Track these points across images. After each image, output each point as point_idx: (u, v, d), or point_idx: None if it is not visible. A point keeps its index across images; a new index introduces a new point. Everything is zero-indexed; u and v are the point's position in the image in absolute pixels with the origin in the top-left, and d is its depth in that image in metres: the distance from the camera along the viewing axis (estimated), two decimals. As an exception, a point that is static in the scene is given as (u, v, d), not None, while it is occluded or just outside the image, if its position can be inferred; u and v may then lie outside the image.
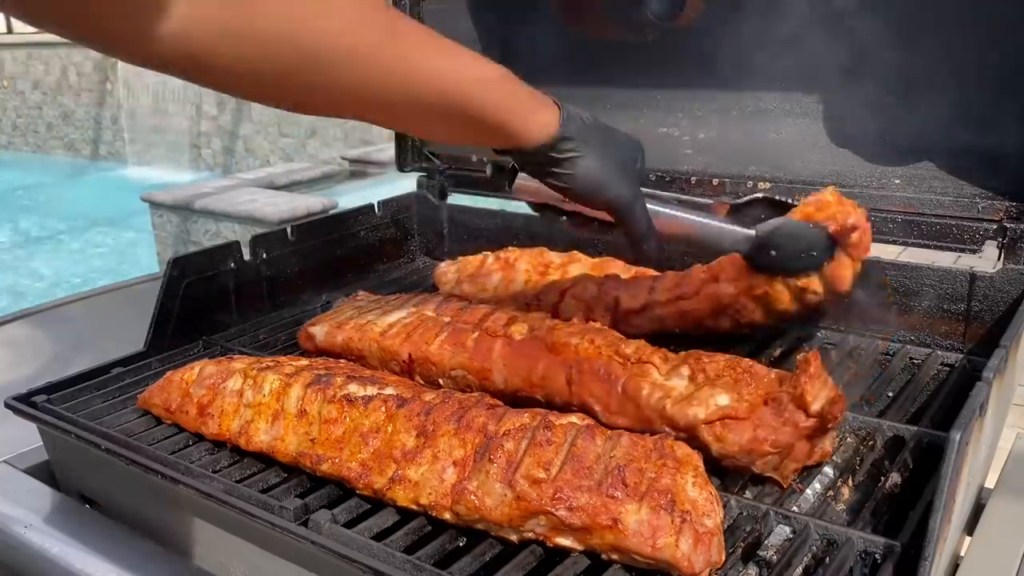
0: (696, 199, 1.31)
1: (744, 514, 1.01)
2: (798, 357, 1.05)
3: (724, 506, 0.98)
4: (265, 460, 1.16)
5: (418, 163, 1.96)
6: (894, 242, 1.40)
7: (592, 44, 1.84)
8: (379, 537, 0.99)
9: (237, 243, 1.61)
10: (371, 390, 1.12)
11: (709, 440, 1.04)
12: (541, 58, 1.91)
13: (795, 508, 1.02)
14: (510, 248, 1.71)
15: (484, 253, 1.72)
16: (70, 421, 1.23)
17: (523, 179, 1.19)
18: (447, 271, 1.72)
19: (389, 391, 1.12)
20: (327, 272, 1.79)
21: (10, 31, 14.16)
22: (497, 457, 0.97)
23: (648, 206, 1.16)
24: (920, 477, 1.05)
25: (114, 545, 1.16)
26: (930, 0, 1.38)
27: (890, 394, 1.27)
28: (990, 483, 1.20)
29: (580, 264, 1.61)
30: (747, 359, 1.13)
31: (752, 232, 1.27)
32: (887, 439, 1.14)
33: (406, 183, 2.05)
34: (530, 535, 0.95)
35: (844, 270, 1.27)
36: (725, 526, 0.96)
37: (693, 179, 1.60)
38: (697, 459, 0.96)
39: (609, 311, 1.46)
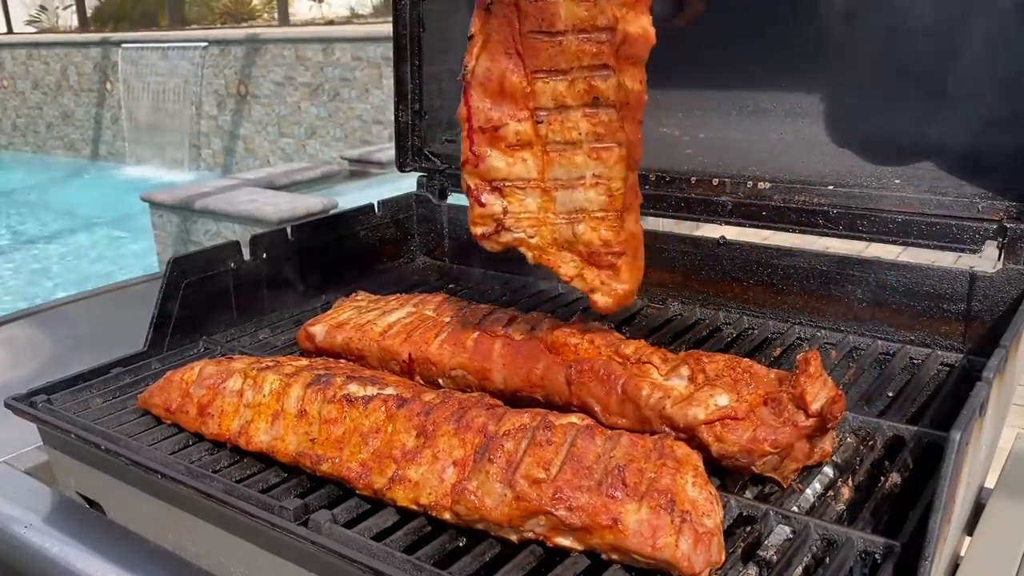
0: None
1: (744, 514, 1.01)
2: (798, 357, 1.05)
3: (724, 506, 0.98)
4: (265, 460, 1.16)
5: (418, 163, 1.96)
6: (894, 242, 1.40)
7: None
8: (379, 537, 0.99)
9: (237, 243, 1.61)
10: (371, 390, 1.12)
11: (709, 440, 1.04)
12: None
13: (795, 508, 1.02)
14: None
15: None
16: (70, 421, 1.23)
17: None
18: None
19: (389, 391, 1.12)
20: (327, 272, 1.79)
21: (10, 31, 14.17)
22: (497, 457, 0.97)
23: None
24: (920, 477, 1.05)
25: (114, 545, 1.16)
26: (931, 1, 1.38)
27: (890, 394, 1.27)
28: (990, 483, 1.20)
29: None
30: (747, 359, 1.13)
31: None
32: (887, 439, 1.14)
33: (406, 183, 2.05)
34: (530, 535, 0.95)
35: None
36: (725, 526, 0.96)
37: (693, 179, 1.60)
38: (697, 459, 0.96)
39: None
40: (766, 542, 0.96)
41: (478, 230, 1.17)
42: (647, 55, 1.07)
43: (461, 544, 1.00)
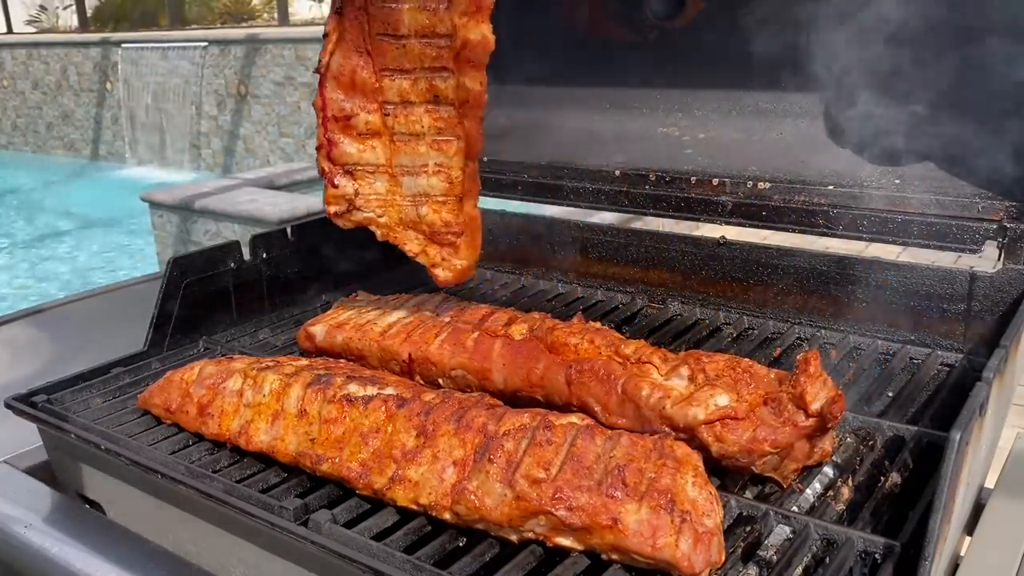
0: None
1: (744, 514, 1.01)
2: (798, 357, 1.05)
3: (724, 506, 0.98)
4: (265, 460, 1.16)
5: (418, 163, 1.96)
6: (894, 242, 1.40)
7: (593, 44, 1.84)
8: (379, 537, 0.99)
9: (237, 243, 1.61)
10: (371, 390, 1.12)
11: (709, 440, 1.04)
12: (541, 58, 1.91)
13: (795, 508, 1.02)
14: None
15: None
16: (70, 421, 1.23)
17: None
18: None
19: (389, 391, 1.12)
20: (327, 272, 1.79)
21: (10, 31, 14.16)
22: (497, 457, 0.97)
23: None
24: (920, 477, 1.05)
25: (114, 545, 1.16)
26: (931, 2, 1.38)
27: (890, 394, 1.27)
28: (990, 483, 1.20)
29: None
30: (747, 359, 1.13)
31: None
32: (887, 439, 1.14)
33: (406, 183, 2.04)
34: (530, 535, 0.95)
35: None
36: (725, 526, 0.96)
37: (693, 179, 1.60)
38: (697, 459, 0.96)
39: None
40: (766, 542, 0.96)
41: (331, 209, 1.30)
42: (487, 59, 1.18)
43: (461, 544, 1.00)
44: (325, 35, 1.21)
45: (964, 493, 0.94)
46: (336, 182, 1.27)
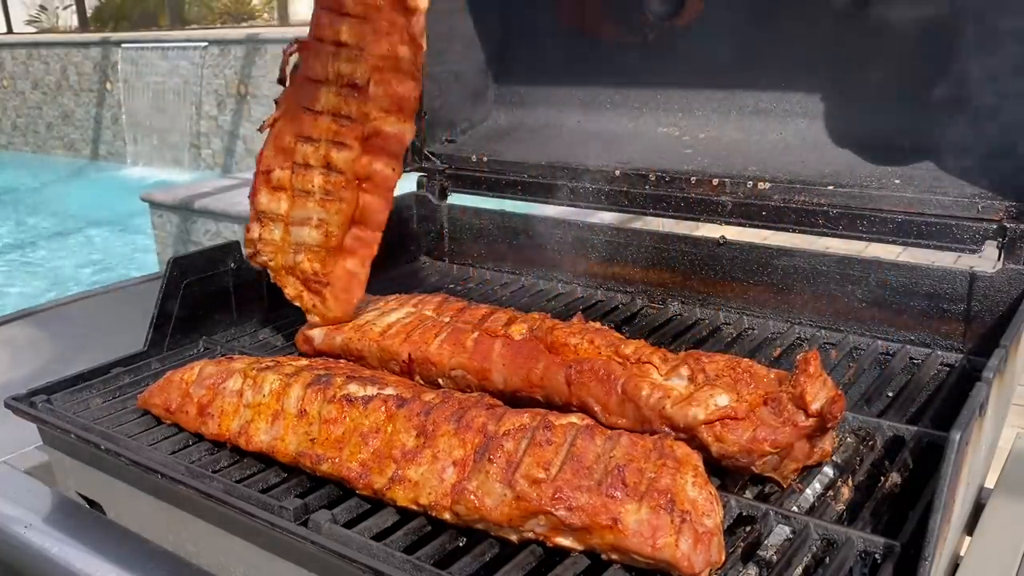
0: None
1: (744, 514, 1.01)
2: (798, 357, 1.05)
3: (724, 506, 0.98)
4: (265, 460, 1.16)
5: (418, 163, 1.96)
6: (894, 242, 1.40)
7: (592, 44, 1.84)
8: (379, 537, 0.99)
9: (237, 243, 1.61)
10: (371, 390, 1.12)
11: (709, 440, 1.04)
12: (541, 58, 1.91)
13: (795, 508, 1.02)
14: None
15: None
16: (70, 421, 1.23)
17: None
18: None
19: (389, 391, 1.12)
20: (327, 272, 1.79)
21: (10, 31, 14.16)
22: (497, 457, 0.97)
23: None
24: (920, 477, 1.05)
25: (114, 545, 1.16)
26: (931, 2, 1.39)
27: (890, 394, 1.27)
28: (990, 483, 1.20)
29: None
30: (747, 359, 1.13)
31: None
32: (887, 439, 1.14)
33: (406, 183, 2.04)
34: (530, 535, 0.95)
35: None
36: (725, 526, 0.96)
37: (693, 179, 1.60)
38: (697, 459, 0.96)
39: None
40: (766, 542, 0.96)
41: (246, 250, 1.45)
42: (401, 151, 1.34)
43: (461, 544, 1.00)
44: (276, 102, 1.39)
45: (964, 493, 0.94)
46: (249, 227, 1.43)
